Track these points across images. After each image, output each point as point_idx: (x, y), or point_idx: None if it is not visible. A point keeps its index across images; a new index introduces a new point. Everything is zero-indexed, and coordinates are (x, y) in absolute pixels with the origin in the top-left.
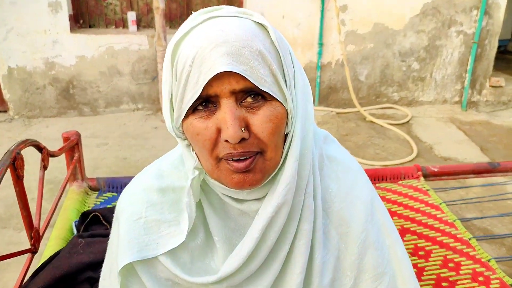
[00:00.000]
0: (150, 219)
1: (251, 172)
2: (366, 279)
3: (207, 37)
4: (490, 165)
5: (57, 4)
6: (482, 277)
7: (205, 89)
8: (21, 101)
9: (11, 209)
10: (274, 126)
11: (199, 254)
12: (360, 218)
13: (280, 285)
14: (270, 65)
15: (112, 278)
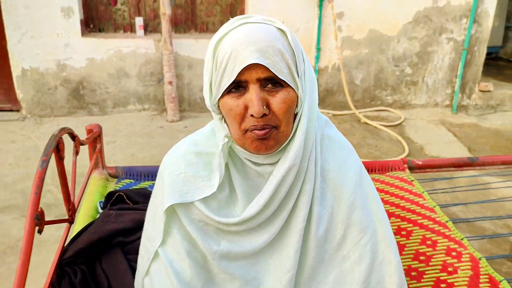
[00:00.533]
0: (188, 174)
1: (268, 140)
2: (352, 231)
3: (241, 37)
4: (469, 160)
5: (69, 9)
6: (455, 252)
7: (238, 76)
8: (34, 100)
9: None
10: (287, 106)
11: (225, 204)
12: (350, 185)
13: (286, 231)
14: (287, 60)
15: (156, 220)
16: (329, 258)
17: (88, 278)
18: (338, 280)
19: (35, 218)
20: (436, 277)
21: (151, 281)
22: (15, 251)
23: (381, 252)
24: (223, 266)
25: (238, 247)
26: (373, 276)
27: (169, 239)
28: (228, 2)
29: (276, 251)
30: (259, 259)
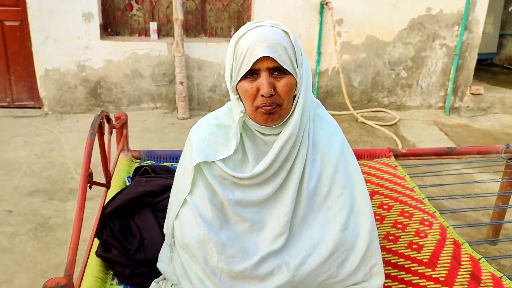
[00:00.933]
0: (211, 141)
1: (274, 114)
2: (336, 188)
3: (256, 37)
4: (448, 149)
5: (89, 14)
6: (428, 222)
7: (253, 65)
8: (55, 98)
9: (56, 185)
10: (289, 89)
11: (239, 164)
12: (335, 152)
13: (285, 185)
14: (289, 54)
15: (186, 175)
16: (317, 207)
17: (124, 229)
18: (324, 224)
19: (88, 176)
20: (409, 240)
21: (180, 222)
22: (44, 227)
23: (357, 204)
24: (237, 211)
25: (248, 196)
26: (351, 222)
27: (195, 190)
28: (236, 9)
29: (277, 201)
30: (264, 206)
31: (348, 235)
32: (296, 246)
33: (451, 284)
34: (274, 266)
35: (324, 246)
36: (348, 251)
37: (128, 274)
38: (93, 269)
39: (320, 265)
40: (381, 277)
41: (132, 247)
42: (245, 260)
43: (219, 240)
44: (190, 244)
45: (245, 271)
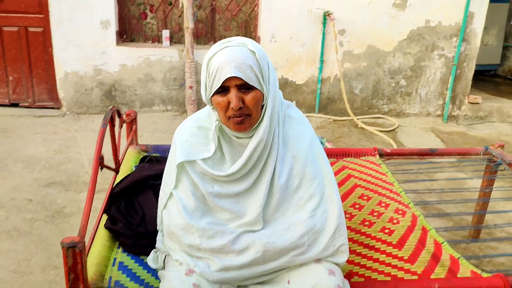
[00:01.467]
0: (192, 142)
1: (244, 124)
2: (306, 180)
3: (224, 57)
4: (430, 150)
5: (107, 22)
6: (401, 211)
7: (222, 83)
8: (73, 100)
9: (71, 178)
10: (255, 101)
11: (217, 163)
12: (304, 148)
13: (258, 182)
14: (255, 72)
15: (172, 172)
16: (289, 198)
17: (129, 207)
18: (295, 212)
19: (99, 158)
20: (383, 226)
21: (168, 211)
22: (60, 215)
23: (327, 193)
24: (216, 202)
25: (225, 190)
26: (320, 208)
27: (180, 184)
28: (243, 19)
29: (251, 194)
30: (240, 199)
31: (317, 220)
32: (270, 228)
33: (413, 262)
34: (249, 242)
35: (295, 229)
36: (317, 233)
37: (131, 243)
38: (102, 238)
39: (291, 244)
40: (346, 255)
41: (135, 222)
42: (223, 237)
43: (200, 226)
44: (175, 231)
45: (223, 246)
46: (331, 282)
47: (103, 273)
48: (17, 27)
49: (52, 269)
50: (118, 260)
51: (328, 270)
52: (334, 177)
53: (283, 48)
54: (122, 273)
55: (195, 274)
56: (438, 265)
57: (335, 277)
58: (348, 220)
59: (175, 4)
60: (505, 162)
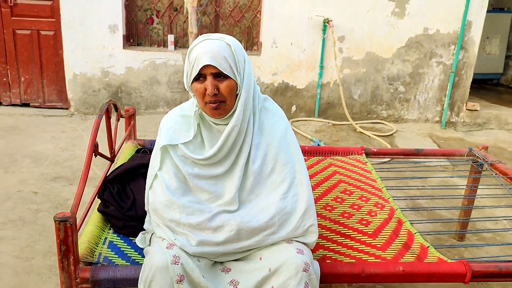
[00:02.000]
0: (176, 128)
1: (219, 110)
2: (278, 165)
3: (202, 48)
4: (416, 150)
5: (115, 26)
6: (380, 204)
7: (200, 71)
8: (80, 100)
9: (76, 173)
10: (229, 89)
11: (197, 147)
12: (278, 136)
13: (234, 166)
14: (229, 63)
15: (157, 155)
16: (263, 182)
17: (121, 192)
18: (268, 194)
19: (94, 146)
20: (361, 217)
21: (153, 191)
22: (63, 207)
23: (298, 178)
24: (196, 183)
25: (204, 172)
26: (291, 191)
27: (163, 166)
28: (246, 25)
29: (228, 177)
30: (218, 181)
31: (288, 202)
32: (245, 210)
33: (385, 249)
34: (224, 221)
35: (267, 210)
36: (288, 214)
37: (121, 225)
38: (94, 220)
39: (263, 224)
40: (315, 235)
41: (126, 206)
42: (202, 215)
43: (181, 203)
44: (158, 208)
45: (201, 223)
46: (299, 260)
47: (94, 249)
48: (30, 31)
49: (53, 256)
50: (109, 239)
51: (297, 249)
52: (304, 164)
53: (284, 54)
54: (111, 251)
55: (175, 247)
56: (408, 252)
57: (303, 256)
58: (328, 212)
59: (180, 10)
60: (487, 163)
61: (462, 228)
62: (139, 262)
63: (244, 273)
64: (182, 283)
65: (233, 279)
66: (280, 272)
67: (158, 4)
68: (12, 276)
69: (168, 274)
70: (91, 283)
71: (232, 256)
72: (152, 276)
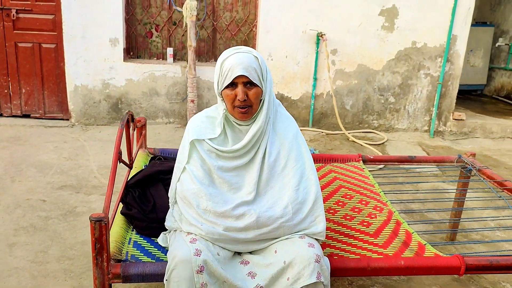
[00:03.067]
0: (202, 126)
1: (247, 114)
2: (290, 162)
3: (235, 60)
4: (409, 157)
5: (115, 40)
6: (379, 208)
7: (232, 80)
8: (81, 111)
9: (81, 182)
10: (256, 96)
11: (222, 143)
12: (290, 138)
13: (253, 159)
14: (258, 73)
15: (185, 150)
16: (277, 176)
17: (142, 196)
18: (281, 187)
19: (118, 153)
20: (362, 219)
21: (181, 183)
22: (72, 214)
23: (307, 173)
24: (220, 174)
25: (227, 164)
26: (301, 185)
27: (191, 160)
28: (243, 38)
29: (247, 170)
30: (239, 173)
31: (299, 194)
32: (261, 201)
33: (386, 247)
34: (245, 210)
35: (281, 201)
36: (300, 204)
37: (144, 226)
38: (119, 222)
39: (278, 212)
40: (323, 225)
41: (147, 209)
42: (225, 205)
43: (208, 191)
44: (187, 195)
45: (225, 212)
46: (311, 252)
47: (121, 248)
48: (31, 43)
49: (67, 260)
50: (133, 239)
51: (309, 243)
52: (313, 163)
53: (279, 66)
54: (136, 250)
55: (197, 242)
56: (407, 249)
57: (314, 249)
58: (331, 215)
59: (179, 24)
60: (475, 168)
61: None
62: (163, 259)
63: (261, 266)
64: (202, 274)
65: (251, 271)
66: (294, 264)
67: (158, 18)
68: (30, 279)
69: (189, 265)
70: (122, 278)
71: (251, 245)
72: (175, 265)
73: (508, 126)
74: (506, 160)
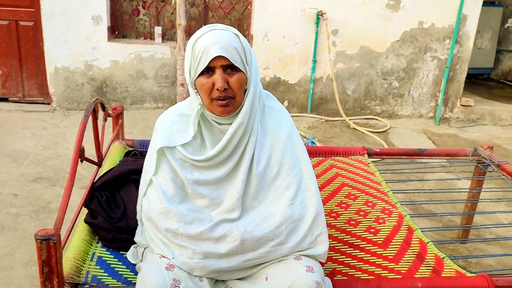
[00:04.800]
0: (173, 128)
1: (228, 106)
2: (284, 169)
3: (211, 38)
4: (419, 150)
5: (98, 18)
6: (388, 210)
7: (208, 64)
8: (63, 95)
9: (58, 174)
10: (240, 84)
11: (198, 149)
12: (283, 137)
13: (237, 167)
14: (240, 54)
15: (152, 159)
16: (268, 187)
17: (110, 201)
18: (273, 200)
19: (80, 151)
20: (369, 225)
21: (147, 198)
22: (45, 210)
23: (305, 182)
24: (195, 188)
25: (204, 176)
26: (298, 197)
27: (159, 171)
28: (237, 17)
29: (230, 181)
30: (220, 185)
31: (295, 208)
32: (248, 218)
33: (397, 261)
34: (227, 230)
35: (273, 218)
36: (296, 222)
37: (111, 238)
38: (81, 233)
39: (269, 233)
40: (326, 245)
41: (116, 216)
42: (201, 225)
43: (179, 211)
44: (153, 216)
45: (201, 233)
46: (309, 279)
47: (80, 267)
48: (7, 21)
49: (35, 265)
50: (97, 254)
51: (307, 267)
52: (311, 167)
53: (276, 47)
54: (100, 268)
55: (176, 268)
56: (423, 264)
57: (313, 274)
58: (333, 219)
59: (168, 1)
60: (494, 164)
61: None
62: (132, 281)
63: None
64: None
65: None
66: None
67: None
68: None
69: None
70: None
71: (236, 273)
72: None
73: None
74: None
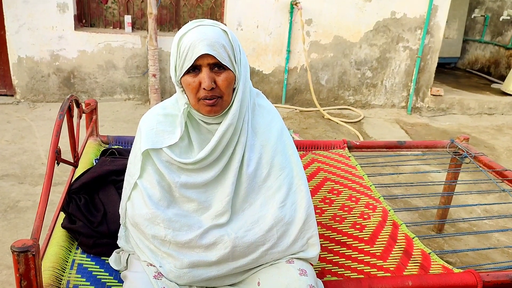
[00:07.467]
0: (158, 129)
1: (216, 106)
2: (275, 170)
3: (197, 35)
4: (398, 143)
5: (64, 5)
6: (372, 205)
7: (195, 62)
8: (28, 87)
9: (26, 170)
10: (228, 82)
11: (184, 151)
12: (273, 137)
13: (226, 169)
14: (227, 51)
15: (136, 161)
16: (258, 188)
17: (89, 204)
18: (263, 203)
19: (56, 152)
20: (354, 221)
21: (131, 203)
22: (14, 210)
23: (295, 184)
24: (182, 192)
25: (192, 179)
26: (289, 199)
27: (144, 174)
28: (209, 6)
29: (219, 183)
30: (208, 188)
31: (286, 211)
32: (238, 222)
33: (385, 258)
34: (217, 237)
35: (264, 221)
36: (287, 225)
37: (91, 244)
38: (58, 239)
39: (260, 238)
40: (317, 248)
41: (96, 220)
42: (190, 232)
43: (166, 216)
44: (139, 222)
45: (190, 241)
46: (303, 283)
47: (60, 277)
48: None
49: (5, 269)
50: (77, 262)
51: (300, 270)
52: (302, 168)
53: (250, 37)
54: (81, 277)
55: (164, 277)
56: (410, 260)
57: (306, 277)
58: (318, 216)
59: None
60: (470, 155)
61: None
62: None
63: None
64: None
65: None
66: None
67: None
68: None
69: None
70: None
71: (227, 279)
72: None
73: (485, 102)
74: (485, 138)
